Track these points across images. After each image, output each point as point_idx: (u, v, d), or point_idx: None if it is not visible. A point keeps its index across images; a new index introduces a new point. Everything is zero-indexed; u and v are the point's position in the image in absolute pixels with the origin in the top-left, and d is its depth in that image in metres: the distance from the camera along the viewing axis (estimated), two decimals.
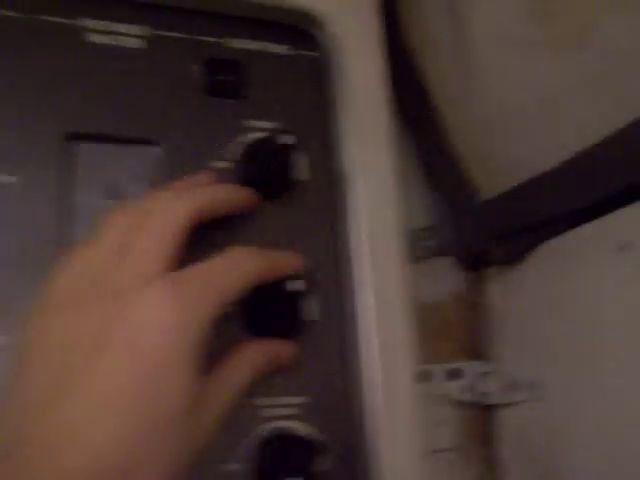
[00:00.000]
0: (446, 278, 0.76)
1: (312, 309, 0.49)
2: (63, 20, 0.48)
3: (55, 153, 0.46)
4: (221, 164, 0.49)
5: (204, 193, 0.44)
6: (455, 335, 0.75)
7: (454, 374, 0.73)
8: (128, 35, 0.49)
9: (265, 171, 0.47)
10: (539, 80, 0.57)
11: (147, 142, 0.48)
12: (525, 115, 0.61)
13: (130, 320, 0.36)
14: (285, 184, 0.49)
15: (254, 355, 0.44)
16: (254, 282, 0.42)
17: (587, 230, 0.60)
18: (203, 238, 0.44)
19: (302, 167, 0.51)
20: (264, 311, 0.46)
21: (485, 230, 0.69)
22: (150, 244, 0.40)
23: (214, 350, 0.40)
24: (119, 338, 0.36)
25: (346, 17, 0.54)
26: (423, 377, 0.71)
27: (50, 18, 0.48)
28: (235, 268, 0.41)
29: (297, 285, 0.45)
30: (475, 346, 0.75)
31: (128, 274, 0.39)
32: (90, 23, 0.49)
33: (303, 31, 0.54)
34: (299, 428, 0.47)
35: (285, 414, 0.47)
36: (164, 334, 0.36)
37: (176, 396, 0.36)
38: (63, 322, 0.38)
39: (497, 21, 0.58)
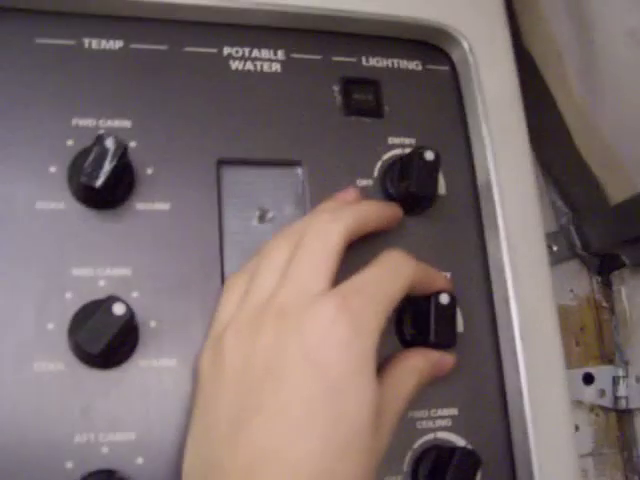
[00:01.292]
0: (575, 282, 0.75)
1: (460, 321, 0.49)
2: (206, 50, 0.50)
3: (205, 179, 0.48)
4: (364, 182, 0.50)
5: (356, 211, 0.44)
6: (587, 339, 0.74)
7: (587, 379, 0.72)
8: (268, 60, 0.51)
9: (411, 187, 0.47)
10: None
11: (292, 163, 0.50)
12: None
13: (306, 339, 0.37)
14: (429, 199, 0.50)
15: (420, 362, 0.45)
16: (411, 288, 0.43)
17: None
18: (348, 254, 0.45)
19: (443, 181, 0.51)
20: (415, 323, 0.47)
21: (614, 234, 0.68)
22: (312, 263, 0.41)
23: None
24: (298, 358, 0.37)
25: (476, 30, 0.54)
26: None
27: (194, 49, 0.50)
28: (395, 273, 0.42)
29: (446, 298, 0.45)
30: (607, 350, 0.74)
31: (294, 294, 0.40)
32: (232, 51, 0.50)
33: (435, 46, 0.55)
34: (455, 440, 0.47)
35: (440, 426, 0.48)
36: (342, 348, 0.37)
37: (361, 408, 0.37)
38: (238, 350, 0.39)
39: (627, 22, 0.57)
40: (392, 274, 0.42)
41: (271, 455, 0.35)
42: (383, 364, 0.44)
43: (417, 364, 0.44)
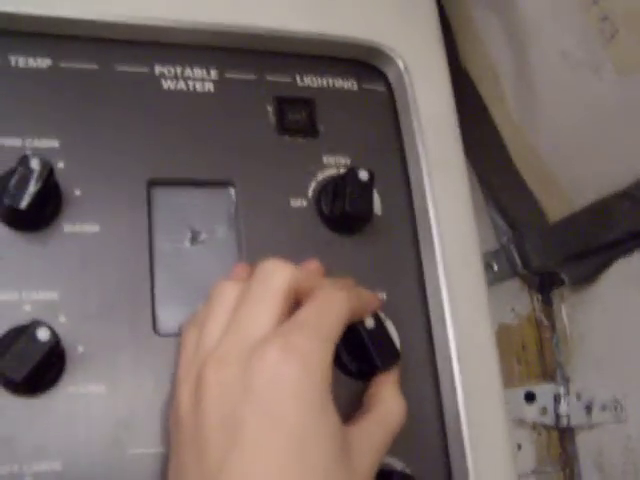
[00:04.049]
0: (516, 301, 0.75)
1: (396, 339, 0.49)
2: (138, 68, 0.49)
3: (135, 200, 0.47)
4: (298, 202, 0.50)
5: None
6: (528, 358, 0.74)
7: (529, 397, 0.73)
8: (201, 79, 0.50)
9: (345, 207, 0.47)
10: (605, 101, 0.57)
11: (224, 184, 0.49)
12: (591, 136, 0.61)
13: (255, 390, 0.36)
14: (364, 219, 0.49)
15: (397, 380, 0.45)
16: (350, 318, 0.42)
17: None
18: None
19: (377, 201, 0.51)
20: (355, 355, 0.46)
21: (554, 252, 0.69)
22: (255, 309, 0.40)
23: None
24: (251, 412, 0.36)
25: (412, 49, 0.54)
26: None
27: (125, 68, 0.49)
28: (332, 304, 0.40)
29: (371, 322, 0.45)
30: (549, 368, 0.74)
31: (235, 343, 0.38)
32: (163, 70, 0.50)
33: (371, 65, 0.54)
34: (391, 462, 0.46)
35: None
36: (294, 389, 0.36)
37: (326, 450, 0.36)
38: (189, 409, 0.38)
39: (561, 43, 0.57)
40: (329, 307, 0.40)
41: None
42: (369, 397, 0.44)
43: (397, 384, 0.45)
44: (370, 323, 0.44)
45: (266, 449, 0.35)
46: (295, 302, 0.41)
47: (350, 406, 0.44)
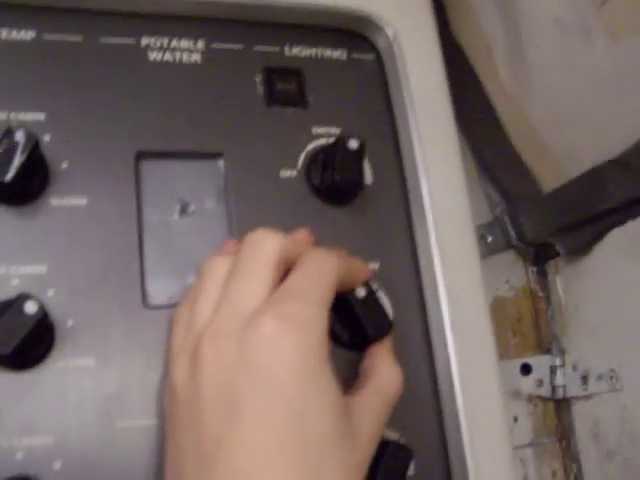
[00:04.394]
0: (511, 273, 0.75)
1: (389, 310, 0.48)
2: (123, 40, 0.48)
3: (124, 172, 0.46)
4: (288, 173, 0.49)
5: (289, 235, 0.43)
6: (524, 330, 0.74)
7: (525, 369, 0.72)
8: (187, 50, 0.50)
9: (335, 177, 0.47)
10: (597, 67, 0.57)
11: (213, 156, 0.49)
12: (584, 103, 0.60)
13: (252, 362, 0.36)
14: (354, 189, 0.49)
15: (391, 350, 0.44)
16: (339, 285, 0.41)
17: None
18: None
19: (368, 171, 0.51)
20: (346, 325, 0.46)
21: (548, 223, 0.69)
22: (246, 281, 0.39)
23: None
24: (248, 385, 0.35)
25: (401, 18, 0.53)
26: None
27: (111, 40, 0.48)
28: (321, 271, 0.40)
29: (362, 291, 0.44)
30: (544, 340, 0.74)
31: (229, 317, 0.38)
32: (150, 41, 0.49)
33: (360, 35, 0.54)
34: (386, 434, 0.46)
35: None
36: (291, 360, 0.36)
37: (325, 416, 0.36)
38: (185, 385, 0.38)
39: (553, 11, 0.57)
40: (318, 272, 0.40)
41: None
42: (364, 368, 0.43)
43: (391, 352, 0.44)
44: (361, 293, 0.44)
45: (265, 420, 0.35)
46: (286, 271, 0.40)
47: (346, 378, 0.44)
